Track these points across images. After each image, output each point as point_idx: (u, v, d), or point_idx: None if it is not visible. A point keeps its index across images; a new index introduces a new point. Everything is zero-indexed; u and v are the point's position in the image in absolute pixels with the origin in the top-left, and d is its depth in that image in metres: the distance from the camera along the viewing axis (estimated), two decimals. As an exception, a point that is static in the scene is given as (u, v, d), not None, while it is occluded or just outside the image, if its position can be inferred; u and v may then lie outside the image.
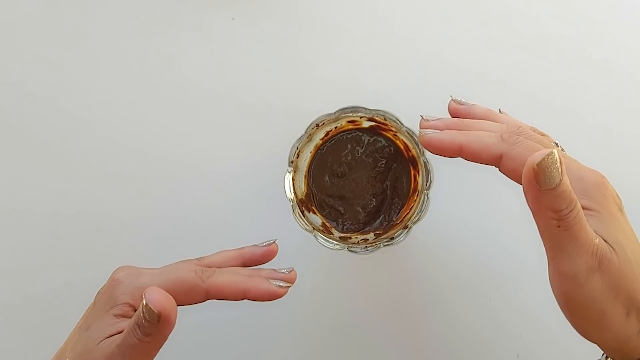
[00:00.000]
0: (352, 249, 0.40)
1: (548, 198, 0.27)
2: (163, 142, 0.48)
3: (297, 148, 0.41)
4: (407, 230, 0.40)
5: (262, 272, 0.34)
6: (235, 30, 0.48)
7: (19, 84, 0.48)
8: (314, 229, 0.41)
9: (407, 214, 0.42)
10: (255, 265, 0.36)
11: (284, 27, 0.48)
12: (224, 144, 0.48)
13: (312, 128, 0.41)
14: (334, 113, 0.40)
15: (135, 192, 0.47)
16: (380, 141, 0.44)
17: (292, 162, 0.41)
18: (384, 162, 0.44)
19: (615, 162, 0.46)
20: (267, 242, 0.37)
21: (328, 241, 0.40)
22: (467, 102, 0.36)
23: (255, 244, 0.36)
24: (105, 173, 0.47)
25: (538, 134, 0.33)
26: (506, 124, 0.33)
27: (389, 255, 0.46)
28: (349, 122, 0.43)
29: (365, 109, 0.40)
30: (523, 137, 0.31)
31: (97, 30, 0.49)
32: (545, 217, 0.27)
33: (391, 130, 0.43)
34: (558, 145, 0.33)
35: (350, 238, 0.43)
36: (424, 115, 0.35)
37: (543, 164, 0.26)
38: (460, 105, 0.36)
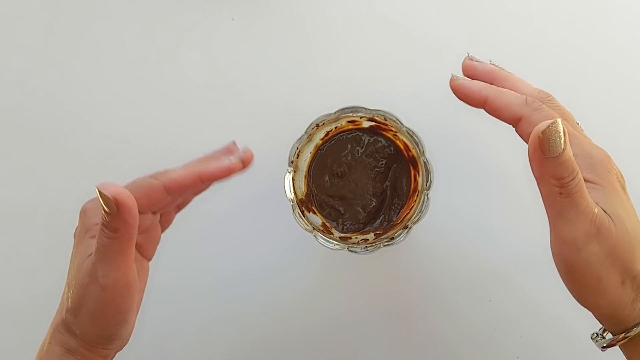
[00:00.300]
0: (352, 249, 0.40)
1: (551, 165, 0.28)
2: (163, 142, 0.48)
3: (297, 148, 0.41)
4: (407, 230, 0.40)
5: (215, 154, 0.34)
6: (235, 31, 0.48)
7: (19, 83, 0.48)
8: (314, 229, 0.41)
9: (407, 214, 0.42)
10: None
11: (284, 28, 0.48)
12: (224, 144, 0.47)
13: (312, 128, 0.41)
14: (334, 113, 0.40)
15: (136, 192, 0.47)
16: (380, 141, 0.44)
17: (292, 162, 0.41)
18: (384, 162, 0.44)
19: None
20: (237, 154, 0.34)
21: (328, 241, 0.40)
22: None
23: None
24: (106, 171, 0.47)
25: (566, 110, 0.34)
26: (538, 90, 0.34)
27: (389, 255, 0.46)
28: (349, 122, 0.43)
29: (365, 109, 0.40)
30: (547, 105, 0.32)
31: (98, 30, 0.49)
32: (548, 184, 0.29)
33: (391, 130, 0.43)
34: (578, 124, 0.34)
35: (350, 238, 0.43)
36: (470, 54, 0.36)
37: (547, 132, 0.27)
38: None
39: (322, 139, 0.43)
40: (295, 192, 0.41)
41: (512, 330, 0.46)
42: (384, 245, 0.40)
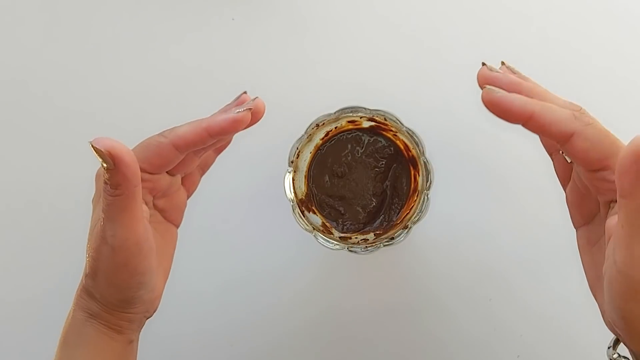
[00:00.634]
0: (352, 249, 0.40)
1: None
2: (163, 142, 0.48)
3: (297, 148, 0.41)
4: (407, 230, 0.40)
5: (226, 107, 0.33)
6: (235, 31, 0.48)
7: (19, 83, 0.48)
8: (314, 229, 0.41)
9: (407, 214, 0.42)
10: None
11: (284, 28, 0.48)
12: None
13: (312, 128, 0.41)
14: (334, 113, 0.40)
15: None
16: (380, 141, 0.44)
17: (292, 162, 0.41)
18: (384, 162, 0.44)
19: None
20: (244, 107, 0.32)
21: (328, 241, 0.40)
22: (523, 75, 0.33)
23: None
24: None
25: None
26: (569, 102, 0.31)
27: (389, 255, 0.46)
28: (349, 122, 0.43)
29: (365, 109, 0.40)
30: (591, 119, 0.29)
31: (98, 30, 0.49)
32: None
33: (391, 130, 0.43)
34: None
35: (350, 238, 0.43)
36: (488, 64, 0.31)
37: None
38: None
39: (322, 139, 0.43)
40: (295, 192, 0.41)
41: (512, 330, 0.46)
42: (384, 245, 0.40)
